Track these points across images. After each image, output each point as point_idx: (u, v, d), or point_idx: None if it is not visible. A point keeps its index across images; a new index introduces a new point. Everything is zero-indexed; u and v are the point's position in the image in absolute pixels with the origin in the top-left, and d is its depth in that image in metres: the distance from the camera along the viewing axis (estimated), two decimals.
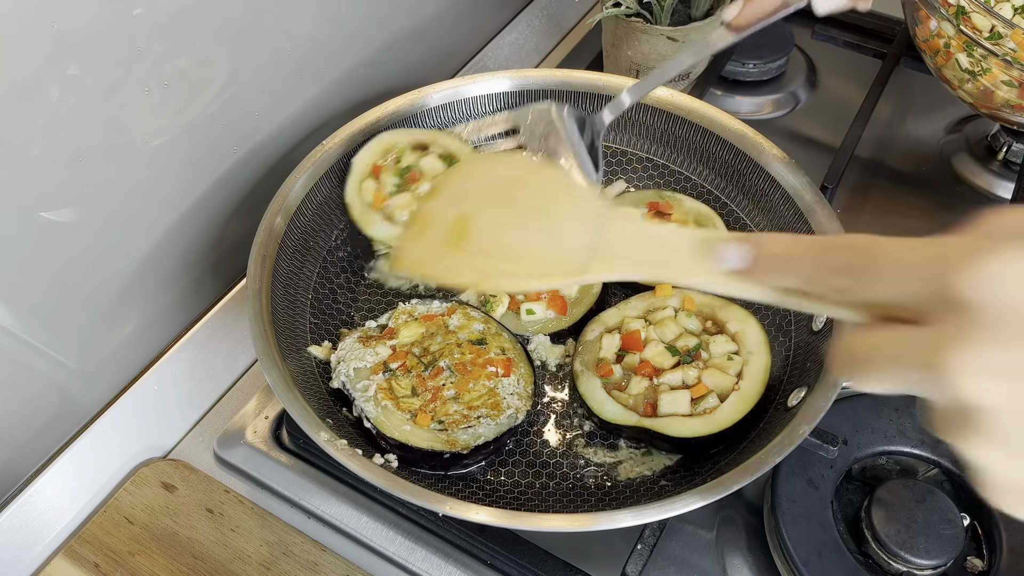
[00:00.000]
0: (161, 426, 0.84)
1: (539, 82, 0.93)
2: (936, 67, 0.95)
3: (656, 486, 0.72)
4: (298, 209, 0.83)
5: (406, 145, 0.87)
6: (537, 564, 0.70)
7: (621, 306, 0.82)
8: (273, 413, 0.82)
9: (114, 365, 0.84)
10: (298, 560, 0.73)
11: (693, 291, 0.80)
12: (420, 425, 0.72)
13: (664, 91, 0.91)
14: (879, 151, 1.09)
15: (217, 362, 0.88)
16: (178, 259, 0.86)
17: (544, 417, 0.78)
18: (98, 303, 0.79)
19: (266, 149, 0.91)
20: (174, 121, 0.78)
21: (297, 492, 0.78)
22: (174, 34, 0.73)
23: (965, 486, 0.74)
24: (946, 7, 0.87)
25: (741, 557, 0.75)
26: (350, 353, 0.76)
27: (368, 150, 0.86)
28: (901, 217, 1.01)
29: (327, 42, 0.92)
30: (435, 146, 0.87)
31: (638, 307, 0.81)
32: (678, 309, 0.80)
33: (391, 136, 0.88)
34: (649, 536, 0.70)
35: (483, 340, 0.77)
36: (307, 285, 0.83)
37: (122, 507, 0.76)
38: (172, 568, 0.73)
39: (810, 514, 0.71)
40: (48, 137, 0.67)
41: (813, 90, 1.17)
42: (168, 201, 0.82)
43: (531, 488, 0.73)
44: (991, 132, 1.07)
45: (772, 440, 0.66)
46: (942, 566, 0.68)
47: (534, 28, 1.26)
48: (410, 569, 0.74)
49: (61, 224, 0.72)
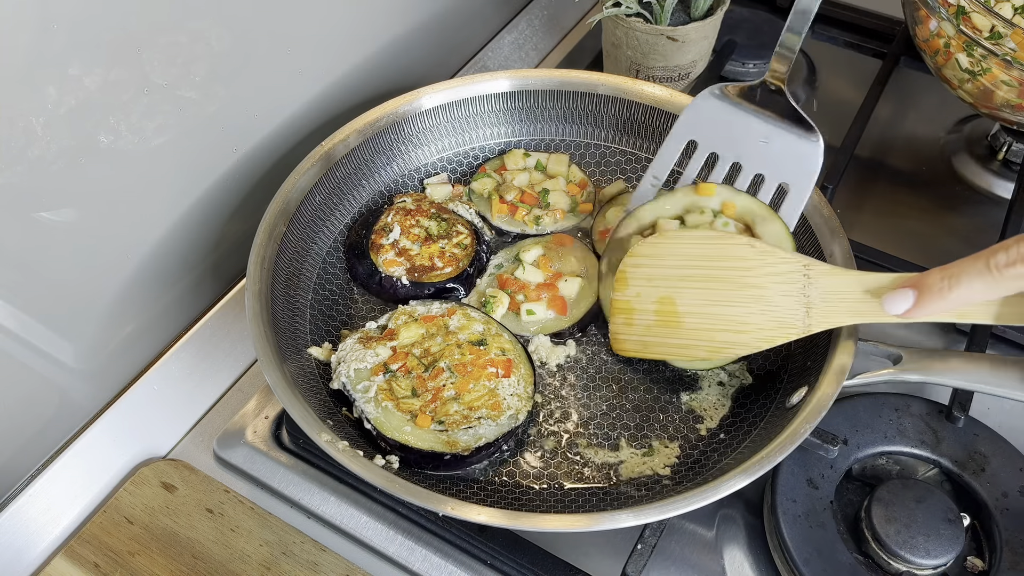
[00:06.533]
0: (161, 426, 0.84)
1: (539, 82, 0.93)
2: (936, 67, 0.95)
3: (656, 486, 0.73)
4: (298, 209, 0.83)
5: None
6: (537, 564, 0.71)
7: (661, 199, 0.79)
8: (273, 413, 0.82)
9: (114, 365, 0.84)
10: (298, 560, 0.73)
11: (738, 197, 0.77)
12: (420, 426, 0.72)
13: (663, 91, 0.91)
14: (879, 151, 1.09)
15: (217, 362, 0.88)
16: (178, 259, 0.86)
17: (544, 417, 0.78)
18: (98, 303, 0.79)
19: (266, 149, 0.91)
20: (174, 121, 0.78)
21: (297, 492, 0.78)
22: (174, 34, 0.73)
23: (965, 486, 0.74)
24: (946, 7, 0.87)
25: (741, 557, 0.75)
26: (350, 354, 0.76)
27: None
28: (901, 217, 1.01)
29: (327, 42, 0.92)
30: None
31: (677, 204, 0.78)
32: (717, 212, 0.77)
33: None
34: (649, 536, 0.70)
35: (483, 341, 0.77)
36: (307, 286, 0.83)
37: (122, 507, 0.76)
38: (172, 568, 0.73)
39: (810, 514, 0.71)
40: (48, 137, 0.67)
41: (813, 90, 1.17)
42: (168, 201, 0.82)
43: (531, 488, 0.73)
44: (991, 132, 1.07)
45: (772, 440, 0.66)
46: (942, 566, 0.68)
47: (534, 28, 1.26)
48: (410, 569, 0.74)
49: (61, 224, 0.72)
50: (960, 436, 0.76)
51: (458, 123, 0.94)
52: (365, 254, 0.85)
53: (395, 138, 0.91)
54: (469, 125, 0.95)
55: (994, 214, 1.01)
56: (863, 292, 0.64)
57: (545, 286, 0.84)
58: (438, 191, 0.92)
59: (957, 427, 0.76)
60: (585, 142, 0.96)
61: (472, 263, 0.86)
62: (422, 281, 0.84)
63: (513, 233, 0.90)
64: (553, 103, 0.94)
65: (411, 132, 0.92)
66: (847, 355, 0.70)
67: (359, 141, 0.88)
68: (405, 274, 0.84)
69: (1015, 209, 0.92)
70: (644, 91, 0.91)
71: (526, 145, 0.97)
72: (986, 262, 0.55)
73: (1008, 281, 0.54)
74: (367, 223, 0.87)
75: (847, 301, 0.64)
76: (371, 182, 0.91)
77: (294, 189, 0.82)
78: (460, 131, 0.95)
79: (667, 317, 0.73)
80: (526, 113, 0.95)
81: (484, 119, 0.95)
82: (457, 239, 0.86)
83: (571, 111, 0.95)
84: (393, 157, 0.92)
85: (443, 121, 0.93)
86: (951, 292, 0.56)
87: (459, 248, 0.86)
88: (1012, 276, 0.53)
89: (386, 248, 0.85)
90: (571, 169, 0.94)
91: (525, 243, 0.88)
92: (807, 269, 0.66)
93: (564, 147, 0.97)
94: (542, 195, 0.91)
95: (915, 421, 0.77)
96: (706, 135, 0.79)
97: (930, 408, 0.78)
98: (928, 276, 0.59)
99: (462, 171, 0.96)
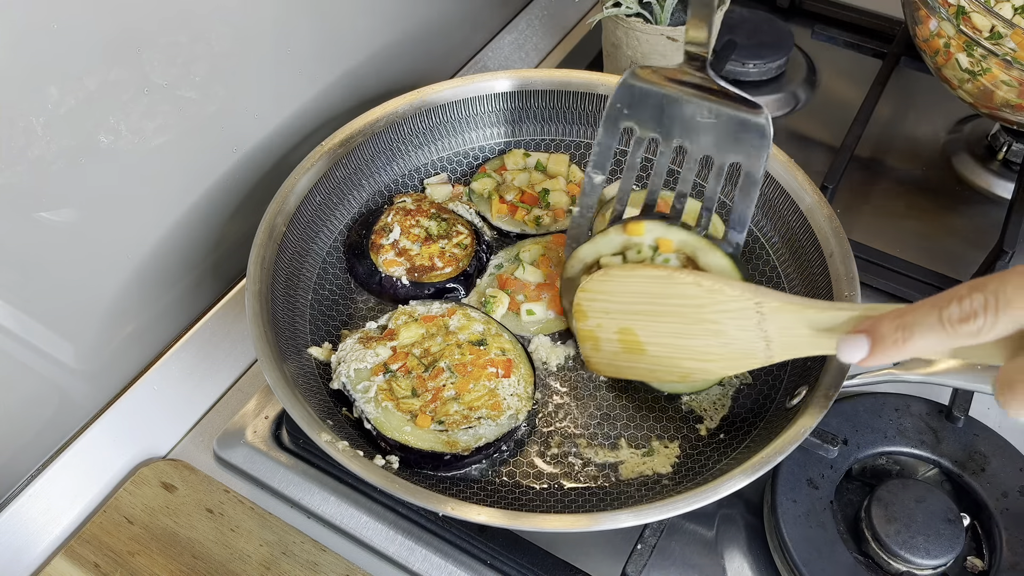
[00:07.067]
0: (161, 426, 0.84)
1: (539, 82, 0.93)
2: (936, 67, 0.95)
3: (656, 486, 0.72)
4: (298, 209, 0.83)
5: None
6: (537, 564, 0.71)
7: (598, 240, 0.76)
8: (273, 413, 0.82)
9: (114, 365, 0.84)
10: (298, 560, 0.73)
11: (671, 233, 0.73)
12: (420, 426, 0.72)
13: None
14: (879, 151, 1.09)
15: (217, 362, 0.88)
16: (178, 259, 0.86)
17: (545, 417, 0.78)
18: (98, 303, 0.79)
19: (266, 149, 0.91)
20: (174, 121, 0.78)
21: (297, 492, 0.78)
22: (173, 34, 0.73)
23: (965, 486, 0.74)
24: (946, 7, 0.87)
25: (741, 557, 0.75)
26: (350, 354, 0.76)
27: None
28: (901, 217, 1.01)
29: (327, 42, 0.92)
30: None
31: (613, 244, 0.76)
32: (655, 248, 0.75)
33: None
34: (649, 536, 0.70)
35: (483, 341, 0.77)
36: (307, 286, 0.83)
37: (122, 507, 0.76)
38: (172, 568, 0.73)
39: (810, 514, 0.71)
40: (48, 137, 0.67)
41: (813, 90, 1.17)
42: (168, 201, 0.82)
43: (531, 488, 0.73)
44: (991, 132, 1.07)
45: (772, 440, 0.66)
46: (942, 566, 0.68)
47: (534, 28, 1.26)
48: (410, 569, 0.74)
49: (61, 224, 0.72)
50: (960, 436, 0.76)
51: (458, 123, 0.94)
52: (365, 254, 0.85)
53: (395, 138, 0.91)
54: (469, 125, 0.95)
55: (994, 214, 1.01)
56: (817, 329, 0.62)
57: (545, 286, 0.84)
58: (438, 191, 0.92)
59: (957, 427, 0.76)
60: (585, 142, 0.96)
61: (472, 263, 0.86)
62: (422, 281, 0.84)
63: (513, 233, 0.90)
64: (553, 103, 0.94)
65: (411, 132, 0.92)
66: None
67: (359, 141, 0.88)
68: (405, 274, 0.84)
69: (1015, 209, 0.92)
70: None
71: (526, 145, 0.97)
72: (939, 315, 0.51)
73: (962, 338, 0.51)
74: (367, 223, 0.87)
75: (804, 336, 0.62)
76: (371, 182, 0.91)
77: (294, 189, 0.82)
78: (460, 131, 0.95)
79: (631, 345, 0.73)
80: (526, 113, 0.95)
81: (484, 119, 0.95)
82: (457, 239, 0.86)
83: (571, 111, 0.95)
84: (393, 157, 0.92)
85: (443, 121, 0.93)
86: (905, 344, 0.53)
87: (459, 248, 0.86)
88: (965, 333, 0.51)
89: (386, 248, 0.85)
90: (571, 169, 0.94)
91: (525, 243, 0.88)
92: (759, 307, 0.64)
93: (564, 147, 0.97)
94: (542, 195, 0.91)
95: (915, 421, 0.77)
96: (643, 119, 0.74)
97: (930, 408, 0.78)
98: (882, 324, 0.55)
99: (462, 171, 0.96)
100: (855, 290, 0.74)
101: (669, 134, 0.74)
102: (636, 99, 0.74)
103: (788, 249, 0.84)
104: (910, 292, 0.91)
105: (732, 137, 0.72)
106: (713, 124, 0.72)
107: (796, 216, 0.82)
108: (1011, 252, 0.87)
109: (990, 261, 0.89)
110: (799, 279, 0.82)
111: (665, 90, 0.73)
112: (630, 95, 0.74)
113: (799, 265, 0.82)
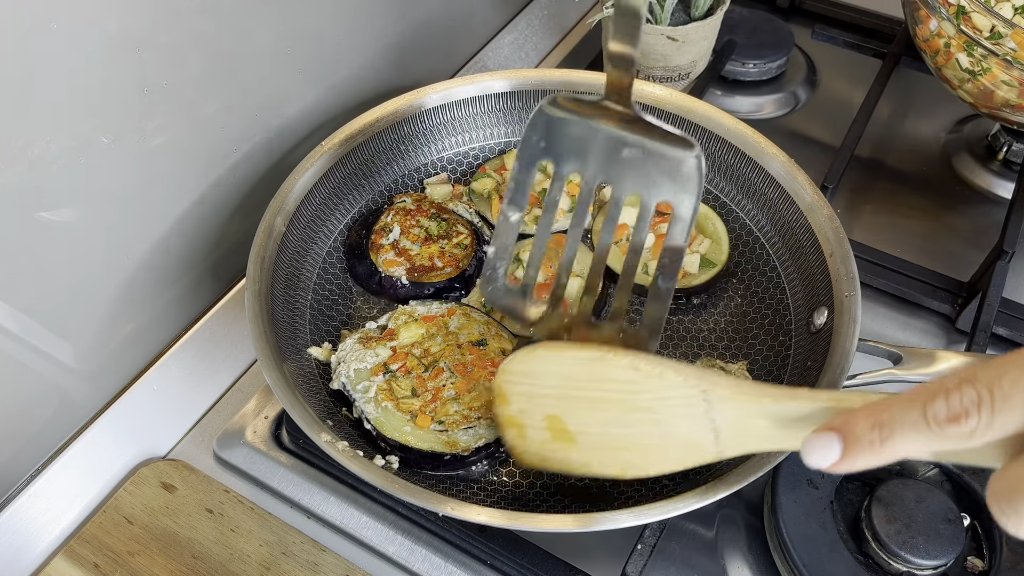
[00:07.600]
0: (161, 426, 0.84)
1: (539, 82, 0.93)
2: (936, 67, 0.95)
3: (656, 486, 0.72)
4: (298, 209, 0.83)
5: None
6: (537, 564, 0.71)
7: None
8: (273, 413, 0.82)
9: (114, 365, 0.84)
10: (298, 560, 0.73)
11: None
12: (420, 426, 0.72)
13: (663, 91, 0.91)
14: (879, 151, 1.09)
15: (217, 362, 0.88)
16: (178, 259, 0.86)
17: None
18: (98, 303, 0.79)
19: (266, 149, 0.91)
20: (174, 121, 0.78)
21: (297, 492, 0.78)
22: (173, 34, 0.73)
23: (965, 486, 0.74)
24: (946, 7, 0.87)
25: (741, 557, 0.75)
26: (350, 354, 0.76)
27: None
28: (901, 217, 1.01)
29: (327, 42, 0.92)
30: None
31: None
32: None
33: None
34: (649, 536, 0.70)
35: (484, 341, 0.77)
36: (307, 286, 0.83)
37: (122, 507, 0.76)
38: (172, 568, 0.73)
39: (810, 514, 0.71)
40: (48, 137, 0.67)
41: (813, 90, 1.17)
42: (168, 201, 0.82)
43: (531, 488, 0.73)
44: (991, 132, 1.07)
45: None
46: (942, 566, 0.68)
47: (534, 28, 1.26)
48: (410, 569, 0.74)
49: (61, 224, 0.72)
50: None
51: (458, 123, 0.94)
52: (365, 254, 0.85)
53: (395, 138, 0.91)
54: (469, 125, 0.95)
55: (994, 214, 1.01)
56: (776, 420, 0.53)
57: (545, 286, 0.84)
58: (438, 191, 0.92)
59: None
60: None
61: (472, 263, 0.86)
62: (422, 281, 0.84)
63: None
64: None
65: (411, 132, 0.92)
66: (847, 355, 0.70)
67: (359, 141, 0.88)
68: (405, 274, 0.84)
69: (1015, 209, 0.92)
70: (644, 91, 0.91)
71: None
72: (923, 412, 0.43)
73: (950, 441, 0.42)
74: (367, 223, 0.87)
75: (761, 428, 0.53)
76: (371, 182, 0.91)
77: (294, 189, 0.82)
78: (460, 131, 0.95)
79: (559, 435, 0.63)
80: (526, 113, 0.95)
81: (484, 119, 0.95)
82: (457, 239, 0.86)
83: None
84: (393, 157, 0.92)
85: (443, 121, 0.93)
86: (883, 447, 0.44)
87: (459, 248, 0.86)
88: (955, 436, 0.42)
89: (386, 248, 0.85)
90: None
91: (525, 243, 0.88)
92: (705, 394, 0.55)
93: None
94: (542, 195, 0.91)
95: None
96: (562, 153, 0.63)
97: None
98: (856, 422, 0.45)
99: (462, 171, 0.96)
100: (855, 290, 0.74)
101: (591, 170, 0.63)
102: (554, 131, 0.63)
103: (788, 249, 0.84)
104: (910, 292, 0.91)
105: (663, 174, 0.61)
106: (640, 160, 0.61)
107: (796, 216, 0.82)
108: (1011, 252, 0.87)
109: (990, 261, 0.89)
110: (799, 279, 0.82)
111: (588, 121, 0.62)
112: (547, 126, 0.63)
113: (799, 265, 0.82)
